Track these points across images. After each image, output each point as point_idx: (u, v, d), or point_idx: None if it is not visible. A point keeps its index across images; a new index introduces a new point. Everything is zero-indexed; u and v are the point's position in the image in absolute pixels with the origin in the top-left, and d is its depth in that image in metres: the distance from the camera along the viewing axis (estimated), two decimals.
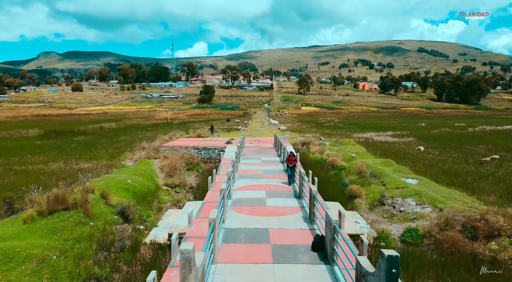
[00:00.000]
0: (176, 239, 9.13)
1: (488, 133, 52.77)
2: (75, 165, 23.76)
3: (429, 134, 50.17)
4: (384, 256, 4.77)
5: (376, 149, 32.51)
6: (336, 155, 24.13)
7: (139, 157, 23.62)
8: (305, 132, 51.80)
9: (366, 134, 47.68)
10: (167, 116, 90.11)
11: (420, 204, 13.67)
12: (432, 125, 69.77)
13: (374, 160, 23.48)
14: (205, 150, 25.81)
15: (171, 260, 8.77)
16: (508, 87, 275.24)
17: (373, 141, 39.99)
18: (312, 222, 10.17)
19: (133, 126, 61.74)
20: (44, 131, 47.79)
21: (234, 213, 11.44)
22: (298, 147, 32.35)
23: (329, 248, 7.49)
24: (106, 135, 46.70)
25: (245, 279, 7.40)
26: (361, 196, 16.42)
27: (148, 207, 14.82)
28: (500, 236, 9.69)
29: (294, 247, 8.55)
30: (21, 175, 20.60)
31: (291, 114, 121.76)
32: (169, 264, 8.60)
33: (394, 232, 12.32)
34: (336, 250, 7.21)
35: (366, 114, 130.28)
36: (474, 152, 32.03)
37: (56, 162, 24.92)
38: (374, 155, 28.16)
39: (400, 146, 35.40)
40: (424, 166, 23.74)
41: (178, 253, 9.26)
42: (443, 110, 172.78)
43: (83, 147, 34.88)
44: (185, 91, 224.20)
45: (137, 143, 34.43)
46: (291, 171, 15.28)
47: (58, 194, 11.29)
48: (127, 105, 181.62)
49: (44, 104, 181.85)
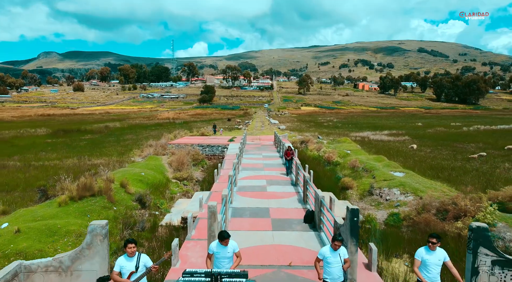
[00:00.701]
0: (191, 218, 10.89)
1: (481, 132, 54.46)
2: (88, 161, 25.46)
3: (424, 133, 51.82)
4: (348, 209, 6.68)
5: (371, 147, 34.21)
6: (332, 152, 25.83)
7: (148, 153, 25.33)
8: (304, 131, 53.53)
9: (363, 133, 49.38)
10: (169, 116, 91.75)
11: (404, 193, 15.37)
12: (428, 124, 71.41)
13: (367, 156, 25.17)
14: (209, 147, 27.51)
15: (188, 234, 10.50)
16: (507, 87, 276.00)
17: (369, 140, 41.67)
18: (305, 203, 12.08)
19: (137, 125, 63.42)
20: (52, 130, 49.49)
21: (239, 197, 13.30)
22: (297, 145, 34.07)
23: (317, 218, 9.28)
24: (112, 134, 48.36)
25: (252, 240, 9.39)
26: (353, 188, 18.12)
27: (161, 197, 16.54)
28: (466, 216, 11.38)
29: (290, 220, 10.55)
30: (40, 170, 22.31)
31: (291, 114, 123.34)
32: (186, 238, 10.33)
33: (379, 217, 14.02)
34: (322, 220, 8.94)
35: (365, 114, 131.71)
36: (464, 150, 33.70)
37: (70, 159, 26.62)
38: (368, 152, 29.84)
39: (394, 144, 37.09)
40: (414, 162, 25.43)
41: (193, 229, 11.04)
42: (441, 110, 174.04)
43: (91, 145, 36.56)
44: (186, 91, 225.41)
45: (143, 141, 36.11)
46: (289, 163, 17.03)
47: (85, 183, 13.00)
48: (129, 105, 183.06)
49: (46, 104, 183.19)
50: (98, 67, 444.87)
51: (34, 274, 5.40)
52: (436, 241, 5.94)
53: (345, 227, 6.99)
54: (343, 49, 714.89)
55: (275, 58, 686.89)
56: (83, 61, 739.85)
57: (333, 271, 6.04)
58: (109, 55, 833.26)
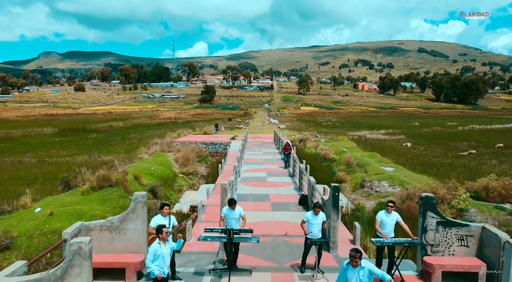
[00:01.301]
0: (201, 203, 12.41)
1: (475, 131, 55.92)
2: (98, 158, 26.93)
3: (420, 132, 53.28)
4: (331, 186, 8.25)
5: (367, 145, 35.70)
6: (328, 149, 27.32)
7: (155, 150, 26.84)
8: (303, 130, 55.00)
9: (360, 132, 50.89)
10: (171, 115, 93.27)
11: (392, 185, 16.86)
12: (425, 124, 72.86)
13: (362, 153, 26.69)
14: (212, 145, 29.06)
15: (198, 218, 12.00)
16: (506, 87, 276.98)
17: (365, 139, 43.15)
18: (300, 190, 13.81)
19: (140, 125, 64.92)
20: (58, 129, 51.01)
21: (243, 186, 14.95)
22: (295, 143, 35.57)
23: (309, 201, 10.83)
24: (116, 133, 49.86)
25: (254, 218, 11.14)
26: (347, 181, 19.61)
27: (170, 189, 18.04)
28: (443, 203, 12.86)
29: (287, 203, 12.33)
30: (54, 165, 23.79)
31: (290, 114, 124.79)
32: (197, 220, 11.83)
33: (369, 206, 15.51)
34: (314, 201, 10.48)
35: (364, 114, 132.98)
36: (456, 148, 35.15)
37: (80, 155, 28.10)
38: (363, 150, 31.32)
39: (390, 143, 38.57)
40: (406, 158, 26.93)
41: (202, 214, 12.55)
42: (440, 110, 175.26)
43: (98, 143, 38.03)
44: (186, 91, 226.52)
45: (147, 140, 37.58)
46: (287, 157, 18.58)
47: (104, 174, 14.49)
48: (130, 105, 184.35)
49: (48, 104, 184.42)
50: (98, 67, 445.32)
51: (92, 231, 7.04)
52: (392, 205, 7.61)
53: (329, 200, 8.68)
54: (343, 49, 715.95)
55: (275, 58, 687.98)
56: (83, 61, 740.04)
57: (314, 230, 7.89)
58: (109, 55, 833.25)
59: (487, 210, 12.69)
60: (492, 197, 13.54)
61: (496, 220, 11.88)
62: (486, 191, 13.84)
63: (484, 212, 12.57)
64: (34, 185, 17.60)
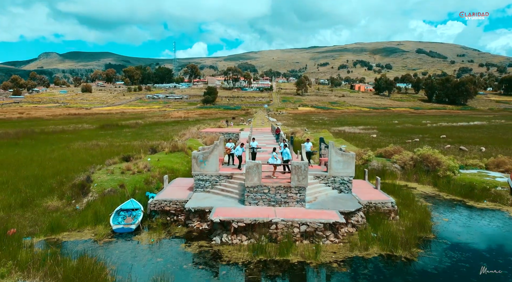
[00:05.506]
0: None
1: (439, 127, 67.02)
2: (147, 142, 38.16)
3: (393, 128, 64.29)
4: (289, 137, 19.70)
5: (341, 136, 46.97)
6: (309, 136, 38.69)
7: (187, 137, 38.16)
8: (296, 126, 66.34)
9: (342, 128, 62.23)
10: (180, 115, 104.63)
11: None
12: (403, 122, 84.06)
13: (332, 139, 38.06)
14: (227, 134, 40.51)
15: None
16: (498, 88, 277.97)
17: (344, 132, 54.45)
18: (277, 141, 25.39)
19: (158, 122, 76.22)
20: (96, 125, 62.32)
21: None
22: (288, 135, 47.08)
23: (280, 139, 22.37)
24: (143, 128, 61.13)
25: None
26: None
27: None
28: (361, 158, 24.23)
29: None
30: (121, 147, 34.81)
31: (288, 114, 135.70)
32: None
33: None
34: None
35: (355, 114, 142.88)
36: (409, 138, 46.32)
37: (134, 141, 39.30)
38: (337, 138, 42.67)
39: (360, 135, 49.82)
40: (363, 142, 38.20)
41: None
42: (429, 110, 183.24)
43: (135, 135, 49.12)
44: (189, 92, 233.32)
45: (172, 133, 48.40)
46: (277, 136, 30.09)
47: (174, 144, 25.84)
48: (137, 106, 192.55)
49: (59, 104, 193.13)
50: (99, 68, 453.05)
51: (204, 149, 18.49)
52: (308, 140, 19.11)
53: (290, 142, 20.01)
54: (342, 50, 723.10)
55: (274, 59, 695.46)
56: (83, 62, 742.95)
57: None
58: (109, 55, 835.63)
59: (380, 161, 24.09)
60: (387, 155, 24.92)
61: (382, 164, 23.27)
62: (386, 152, 25.21)
63: (379, 161, 23.95)
64: (132, 152, 28.82)
